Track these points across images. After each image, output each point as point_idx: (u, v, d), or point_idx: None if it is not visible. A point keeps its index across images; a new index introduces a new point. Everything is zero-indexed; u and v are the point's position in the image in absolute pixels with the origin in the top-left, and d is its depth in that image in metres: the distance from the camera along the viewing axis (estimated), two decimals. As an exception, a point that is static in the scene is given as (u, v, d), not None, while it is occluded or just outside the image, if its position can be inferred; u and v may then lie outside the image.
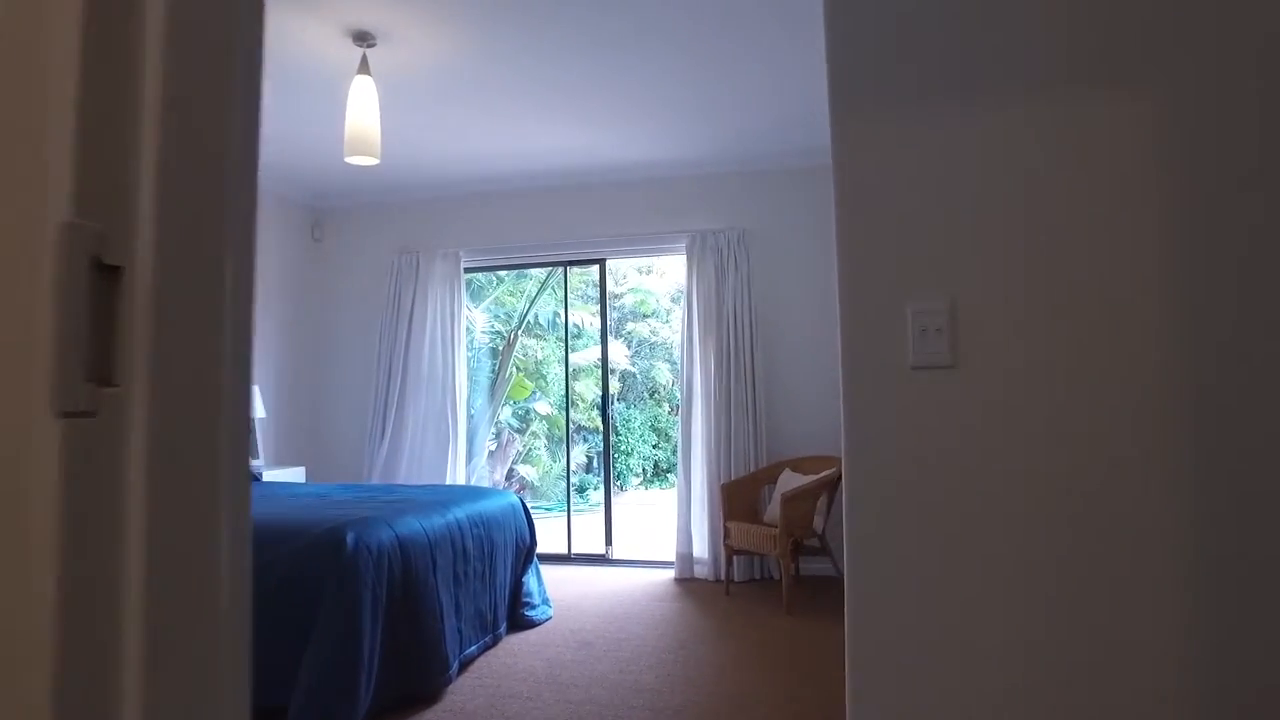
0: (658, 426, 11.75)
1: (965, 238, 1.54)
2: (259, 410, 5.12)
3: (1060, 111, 1.50)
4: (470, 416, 6.97)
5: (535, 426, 7.49)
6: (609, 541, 5.78)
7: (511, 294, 8.16)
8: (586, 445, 10.42)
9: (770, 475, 5.03)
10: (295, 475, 5.30)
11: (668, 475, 12.10)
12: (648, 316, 12.56)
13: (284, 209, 5.99)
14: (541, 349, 11.20)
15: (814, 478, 4.64)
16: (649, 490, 11.39)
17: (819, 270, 5.31)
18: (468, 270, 6.03)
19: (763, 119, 4.66)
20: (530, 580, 4.26)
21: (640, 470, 11.51)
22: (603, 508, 5.87)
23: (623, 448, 11.23)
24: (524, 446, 7.43)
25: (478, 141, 4.97)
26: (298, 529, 2.89)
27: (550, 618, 4.29)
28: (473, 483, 6.74)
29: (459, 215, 5.99)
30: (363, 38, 3.48)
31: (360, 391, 6.03)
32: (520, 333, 7.04)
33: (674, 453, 13.81)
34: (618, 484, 11.85)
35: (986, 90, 1.54)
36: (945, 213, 1.56)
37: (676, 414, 13.58)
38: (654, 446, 11.66)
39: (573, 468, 11.23)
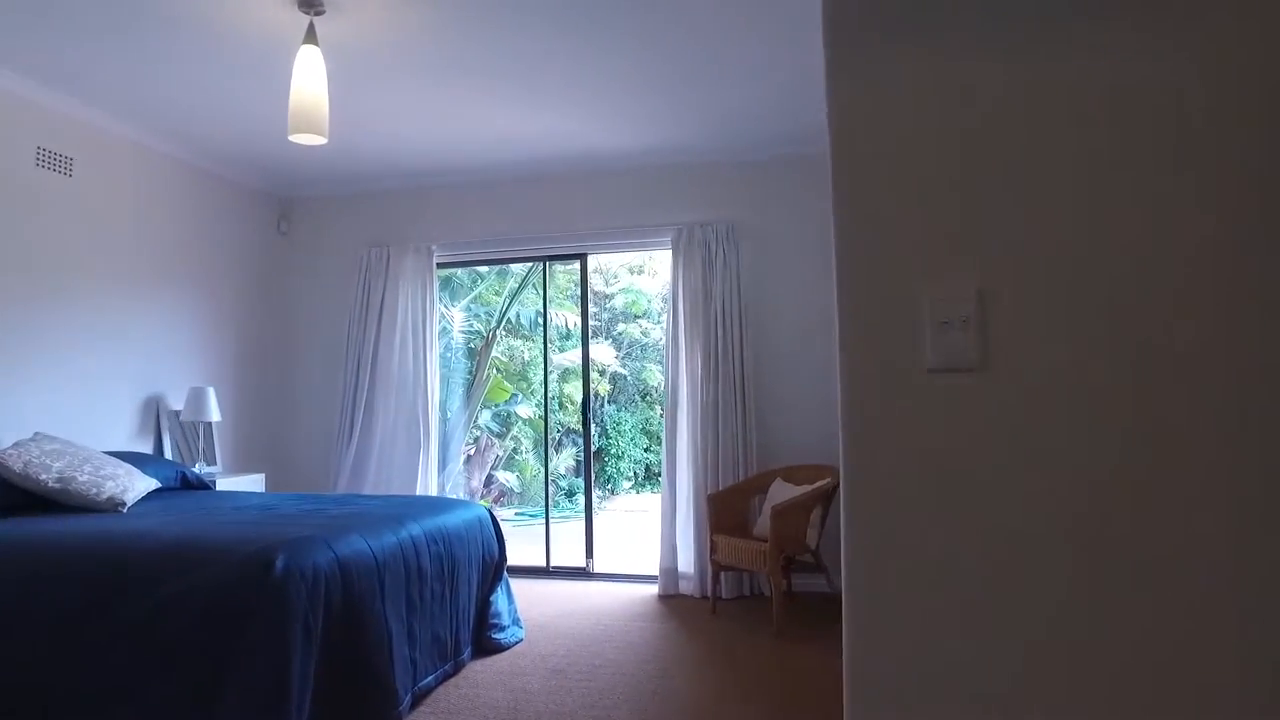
0: (649, 429, 11.59)
1: (999, 209, 1.22)
2: (213, 413, 4.77)
3: (1121, 57, 1.17)
4: (446, 420, 6.62)
5: (517, 430, 7.14)
6: (589, 554, 5.45)
7: (496, 292, 7.82)
8: (576, 449, 10.09)
9: (760, 485, 4.70)
10: (254, 483, 4.96)
11: (659, 479, 11.88)
12: (639, 317, 12.32)
13: (248, 198, 5.65)
14: (529, 350, 10.88)
15: (807, 489, 4.32)
16: (640, 495, 11.19)
17: (815, 266, 5.00)
18: (441, 265, 5.69)
19: (754, 100, 4.33)
20: (499, 599, 3.92)
21: (631, 474, 11.35)
22: (584, 518, 5.52)
23: (613, 451, 11.12)
24: (504, 451, 7.09)
25: (447, 127, 4.64)
26: (223, 550, 2.55)
27: (521, 640, 3.96)
28: (448, 490, 6.41)
29: (431, 207, 5.65)
30: (309, 3, 3.15)
31: (327, 393, 5.69)
32: (500, 331, 6.69)
33: (662, 445, 13.52)
34: (608, 488, 11.60)
35: (1027, 23, 1.22)
36: (974, 178, 1.24)
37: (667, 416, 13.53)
38: (645, 450, 11.50)
39: (561, 471, 10.97)
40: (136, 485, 3.74)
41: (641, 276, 12.78)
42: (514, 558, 6.53)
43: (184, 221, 5.08)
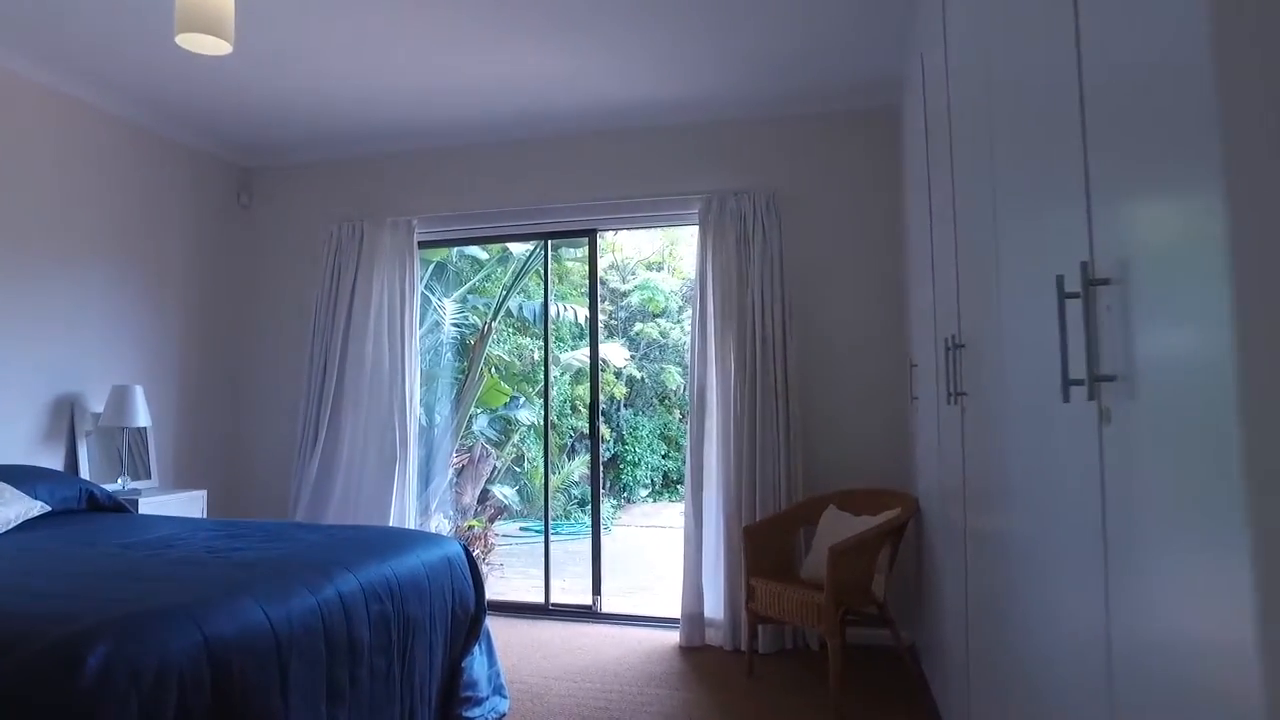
0: (667, 434, 11.06)
1: None
2: (140, 417, 3.92)
3: None
4: (433, 426, 5.75)
5: (520, 437, 6.24)
6: (596, 590, 4.53)
7: (498, 282, 6.94)
8: (589, 456, 9.16)
9: (808, 514, 3.77)
10: (190, 504, 4.09)
11: (677, 487, 10.79)
12: (657, 316, 11.39)
13: (202, 166, 4.81)
14: (538, 350, 9.99)
15: (872, 521, 3.39)
16: (657, 503, 10.62)
17: (877, 245, 4.07)
18: (424, 244, 4.81)
19: (801, 39, 3.42)
20: (475, 664, 3.02)
21: (649, 481, 10.72)
22: (590, 544, 4.61)
23: (630, 458, 10.56)
24: (503, 462, 6.21)
25: (430, 70, 3.75)
26: (17, 636, 1.67)
27: (504, 716, 3.06)
28: (433, 507, 5.53)
29: (413, 175, 4.78)
30: None
31: (289, 394, 4.82)
32: (497, 324, 5.79)
33: (685, 463, 12.49)
34: (624, 497, 10.83)
35: None
36: None
37: (686, 421, 12.43)
38: (663, 456, 10.92)
39: (575, 478, 10.09)
40: (7, 512, 2.88)
41: (660, 273, 11.93)
42: (508, 591, 5.67)
43: (121, 189, 4.24)
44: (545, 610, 4.58)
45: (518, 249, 6.22)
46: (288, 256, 4.97)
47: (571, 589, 5.79)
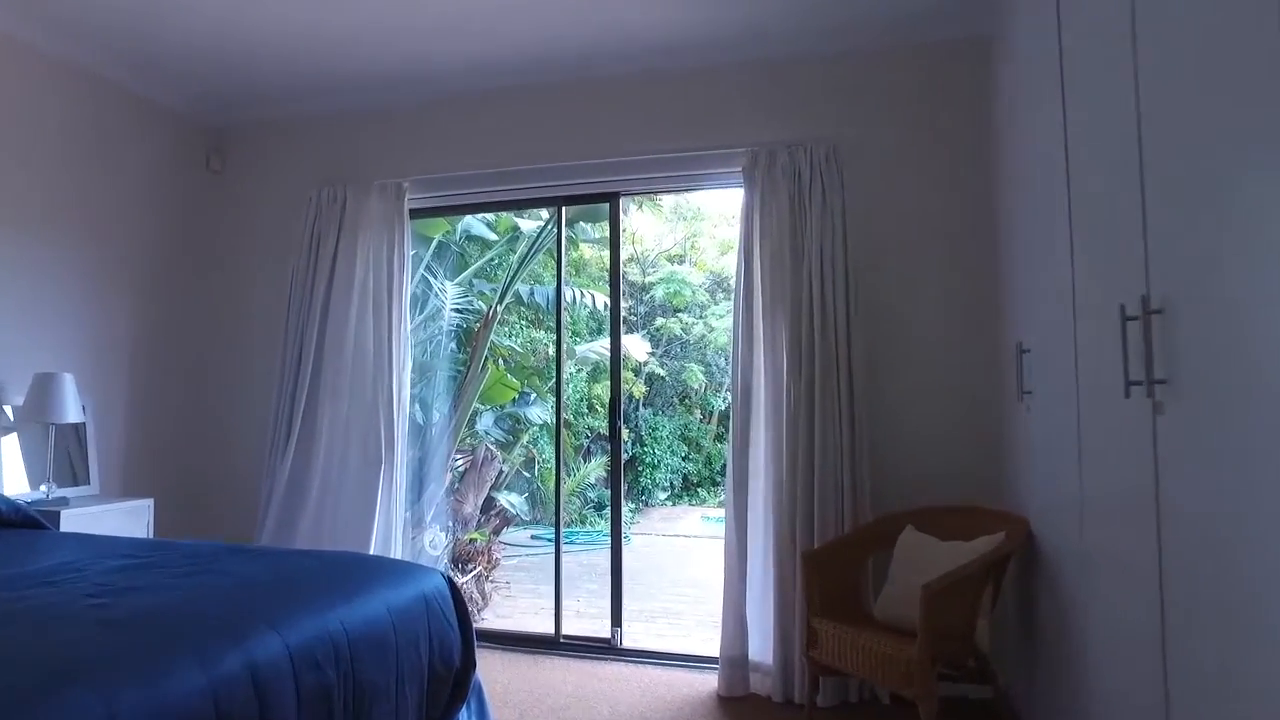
0: (688, 436, 10.60)
1: None
2: (70, 411, 3.25)
3: None
4: (431, 426, 5.05)
5: (531, 438, 5.54)
6: (616, 621, 3.81)
7: (506, 266, 6.22)
8: (606, 457, 8.53)
9: (881, 537, 3.04)
10: (133, 516, 3.42)
11: (698, 490, 10.51)
12: (680, 311, 10.74)
13: (170, 126, 4.17)
14: (552, 346, 9.28)
15: (967, 549, 2.65)
16: (677, 506, 10.18)
17: (962, 203, 3.33)
18: (417, 213, 4.12)
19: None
20: (461, 732, 2.32)
21: (668, 484, 10.25)
22: (609, 560, 3.89)
23: (648, 460, 10.07)
24: (511, 466, 5.52)
25: (417, 3, 3.07)
26: None
27: (497, 799, 2.35)
28: (428, 518, 4.83)
29: (402, 130, 4.09)
30: None
31: (261, 387, 4.14)
32: (503, 308, 5.08)
33: (706, 464, 11.93)
34: (642, 500, 10.21)
35: None
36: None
37: (709, 421, 11.81)
38: (684, 458, 10.46)
39: (591, 480, 9.42)
40: None
41: (683, 266, 11.26)
42: (514, 613, 4.98)
43: (69, 147, 3.61)
44: (555, 644, 3.86)
45: (528, 227, 5.52)
46: (264, 227, 4.30)
47: (587, 611, 5.09)
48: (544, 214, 5.48)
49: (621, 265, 4.01)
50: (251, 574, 2.11)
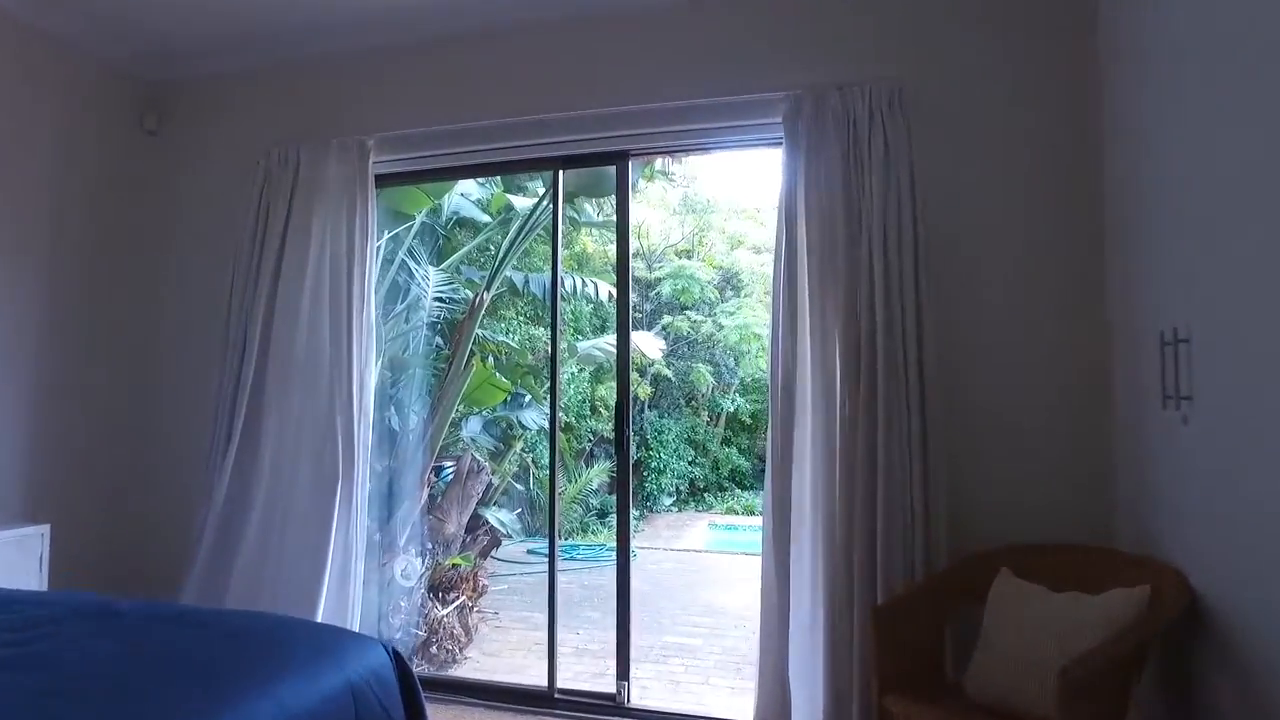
0: (695, 439, 10.18)
1: None
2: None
3: None
4: (408, 432, 4.36)
5: (522, 445, 4.85)
6: (623, 673, 3.11)
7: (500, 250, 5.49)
8: (611, 463, 7.93)
9: (968, 583, 2.34)
10: (20, 549, 2.74)
11: (704, 495, 10.09)
12: (688, 308, 10.24)
13: (92, 75, 3.50)
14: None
15: (1104, 611, 1.95)
16: (683, 512, 9.70)
17: (1067, 160, 2.65)
18: (384, 180, 3.43)
19: None
20: None
21: (674, 489, 9.82)
22: (615, 592, 3.18)
23: (654, 465, 9.64)
24: (501, 478, 4.83)
25: None
26: None
27: None
28: (401, 541, 4.14)
29: (366, 76, 3.41)
30: None
31: (201, 388, 3.46)
32: (489, 295, 4.39)
33: (713, 469, 11.23)
34: (647, 505, 9.62)
35: None
36: None
37: (717, 424, 11.19)
38: (690, 463, 10.03)
39: (594, 487, 8.80)
40: None
41: (691, 261, 10.72)
42: (501, 652, 4.15)
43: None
44: (550, 700, 3.16)
45: (524, 205, 4.83)
46: (208, 198, 3.63)
47: (588, 648, 4.40)
48: (540, 189, 4.78)
49: (631, 245, 3.31)
50: (86, 660, 1.42)
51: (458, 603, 4.16)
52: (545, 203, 4.53)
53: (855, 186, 2.68)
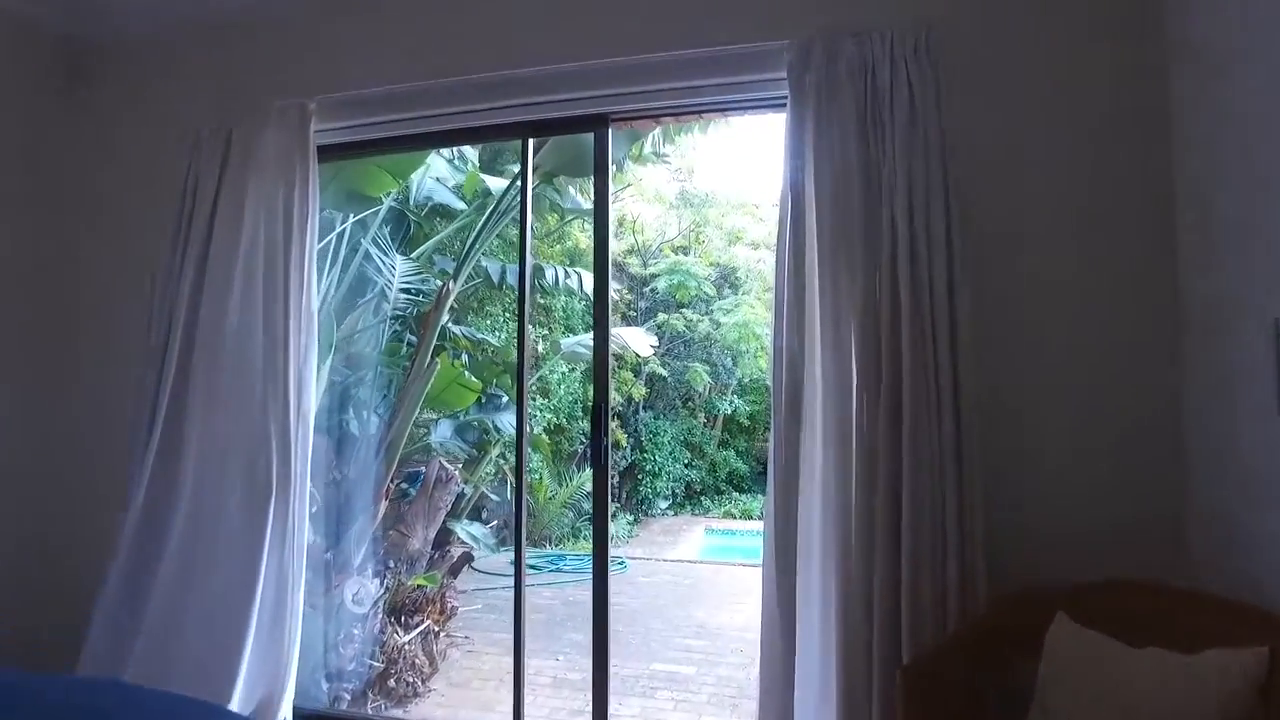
0: (691, 441, 9.97)
1: None
2: None
3: None
4: (365, 439, 3.90)
5: (498, 452, 4.43)
6: (601, 713, 2.66)
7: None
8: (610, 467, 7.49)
9: (1018, 632, 1.90)
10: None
11: (700, 498, 9.89)
12: (684, 306, 9.97)
13: (14, 37, 3.05)
14: (542, 343, 8.18)
15: (1215, 679, 1.52)
16: (679, 515, 9.48)
17: (1123, 113, 2.22)
18: (329, 149, 2.98)
19: None
20: None
21: (669, 493, 9.61)
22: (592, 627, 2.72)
23: (649, 468, 9.45)
24: (474, 488, 4.40)
25: None
26: None
27: None
28: (356, 562, 3.70)
29: (309, 35, 2.97)
30: None
31: (117, 388, 3.02)
32: (456, 285, 3.94)
33: (710, 471, 10.77)
34: (642, 509, 9.41)
35: None
36: None
37: (713, 426, 10.78)
38: (686, 465, 9.82)
39: (586, 491, 8.38)
40: None
41: (688, 257, 10.40)
42: (471, 690, 3.58)
43: None
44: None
45: (499, 186, 4.39)
46: (132, 172, 3.20)
47: (567, 678, 3.98)
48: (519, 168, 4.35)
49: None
50: None
51: (421, 628, 3.73)
52: (514, 184, 4.10)
53: (875, 153, 2.25)
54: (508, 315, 6.82)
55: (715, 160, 10.76)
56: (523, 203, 2.79)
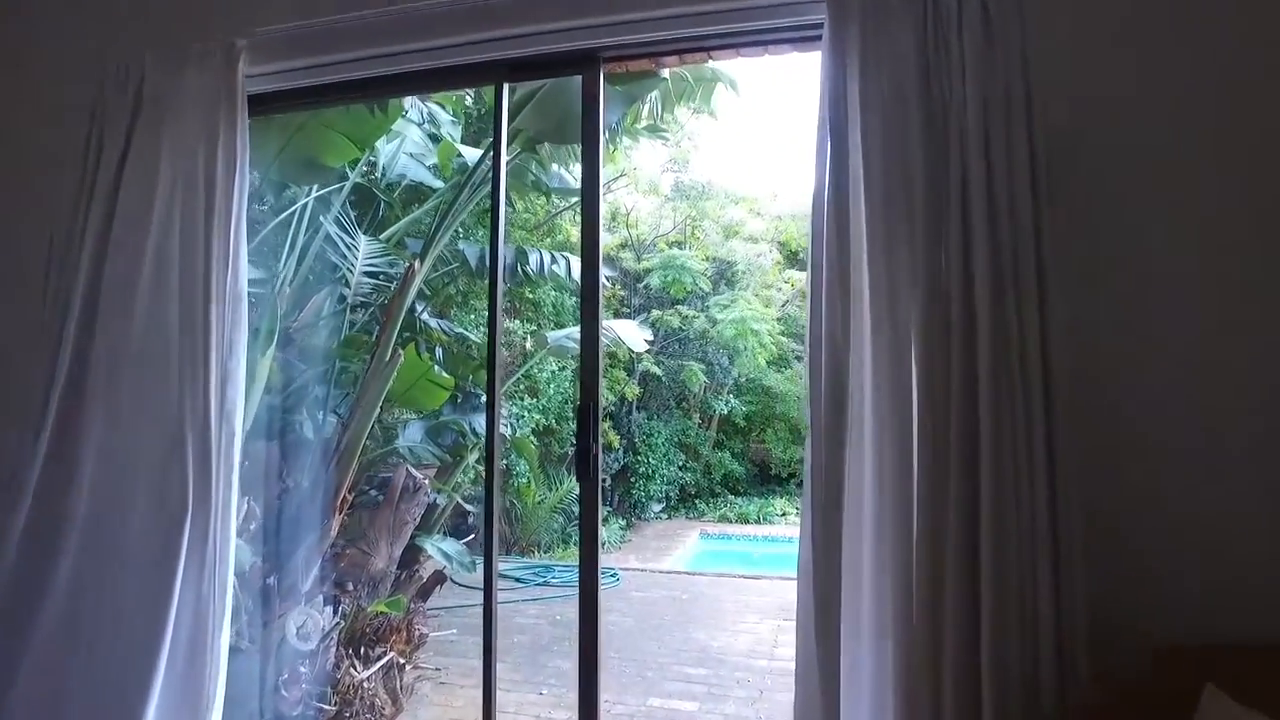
0: (686, 442, 9.71)
1: None
2: None
3: None
4: (318, 444, 3.39)
5: (475, 458, 3.97)
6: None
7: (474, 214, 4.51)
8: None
9: (1145, 711, 1.42)
10: None
11: (695, 502, 9.72)
12: (679, 302, 9.69)
13: None
14: (530, 340, 7.71)
15: None
16: (673, 520, 9.27)
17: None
18: (263, 98, 2.48)
19: None
20: None
21: (663, 495, 9.40)
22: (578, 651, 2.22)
23: (642, 470, 9.27)
24: (447, 497, 3.92)
25: None
26: None
27: None
28: (304, 587, 3.19)
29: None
30: None
31: (16, 379, 2.52)
32: (423, 264, 3.46)
33: (705, 474, 10.31)
34: (635, 513, 9.25)
35: None
36: None
37: (709, 427, 10.33)
38: (681, 467, 9.60)
39: (576, 494, 8.00)
40: None
41: (683, 251, 10.08)
42: None
43: None
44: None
45: (475, 156, 3.90)
46: (26, 126, 2.69)
47: (552, 716, 3.48)
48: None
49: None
50: None
51: (384, 661, 3.24)
52: (487, 153, 3.59)
53: (939, 88, 1.77)
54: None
55: (714, 147, 10.43)
56: (495, 160, 2.30)
